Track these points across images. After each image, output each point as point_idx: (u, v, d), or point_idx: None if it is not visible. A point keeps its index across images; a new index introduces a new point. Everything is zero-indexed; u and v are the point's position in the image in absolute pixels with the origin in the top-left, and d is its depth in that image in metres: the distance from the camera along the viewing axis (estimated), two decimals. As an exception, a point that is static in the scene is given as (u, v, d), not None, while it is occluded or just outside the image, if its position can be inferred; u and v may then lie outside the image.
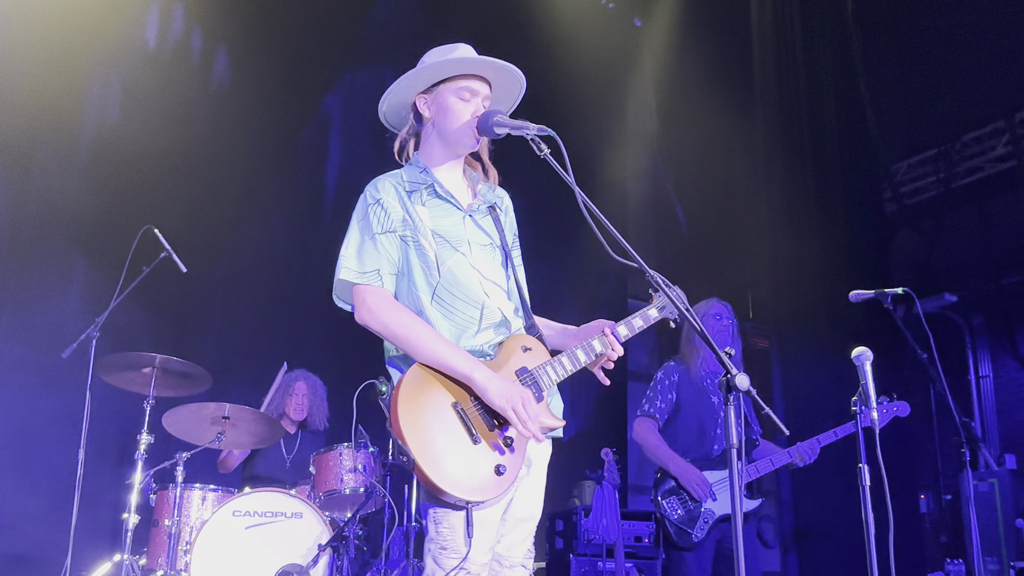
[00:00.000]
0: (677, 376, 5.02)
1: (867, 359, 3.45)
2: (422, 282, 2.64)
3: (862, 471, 3.31)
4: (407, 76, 2.77)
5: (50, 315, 5.94)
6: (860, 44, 8.93)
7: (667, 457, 4.83)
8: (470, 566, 2.47)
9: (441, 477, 2.38)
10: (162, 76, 6.78)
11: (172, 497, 4.79)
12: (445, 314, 2.62)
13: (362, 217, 2.68)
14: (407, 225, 2.66)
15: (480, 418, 2.50)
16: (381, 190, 2.70)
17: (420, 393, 2.48)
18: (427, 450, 2.40)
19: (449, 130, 2.74)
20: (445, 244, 2.67)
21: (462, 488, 2.41)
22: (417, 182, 2.73)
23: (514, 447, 2.51)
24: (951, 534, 9.11)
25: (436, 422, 2.45)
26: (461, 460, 2.43)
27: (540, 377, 2.63)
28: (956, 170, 9.91)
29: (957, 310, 10.05)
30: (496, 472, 2.45)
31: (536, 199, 8.17)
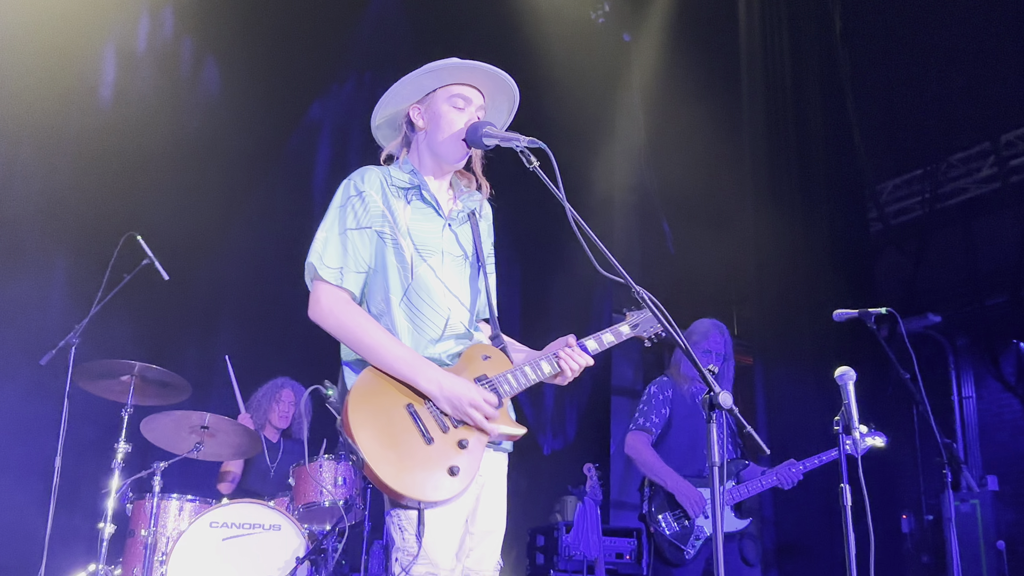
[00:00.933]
0: (671, 391, 5.03)
1: (850, 379, 3.45)
2: (395, 282, 2.61)
3: (844, 491, 3.31)
4: (400, 85, 2.75)
5: (29, 321, 5.88)
6: (848, 64, 8.97)
7: (664, 473, 4.81)
8: (437, 571, 2.44)
9: (391, 477, 2.36)
10: (149, 81, 6.75)
11: (149, 507, 4.73)
12: (411, 317, 2.60)
13: (340, 206, 2.66)
14: (386, 221, 2.64)
15: (434, 419, 2.47)
16: (366, 181, 2.67)
17: (374, 394, 2.47)
18: (377, 449, 2.37)
19: (438, 141, 2.72)
20: (423, 246, 2.65)
21: (413, 488, 2.38)
22: (404, 182, 2.71)
23: (469, 448, 2.48)
24: (933, 555, 9.11)
25: (388, 423, 2.43)
26: (413, 460, 2.40)
27: (499, 385, 2.60)
28: (941, 191, 9.97)
29: (941, 330, 10.09)
30: (450, 472, 2.42)
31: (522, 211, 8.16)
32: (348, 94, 7.81)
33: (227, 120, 7.03)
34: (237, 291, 6.73)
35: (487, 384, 2.59)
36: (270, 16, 7.21)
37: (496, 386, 2.60)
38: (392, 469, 2.37)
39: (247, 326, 6.80)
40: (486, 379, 2.60)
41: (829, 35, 8.98)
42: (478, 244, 2.81)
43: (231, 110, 7.07)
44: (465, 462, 2.46)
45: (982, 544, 7.97)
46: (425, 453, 2.42)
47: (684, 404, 4.96)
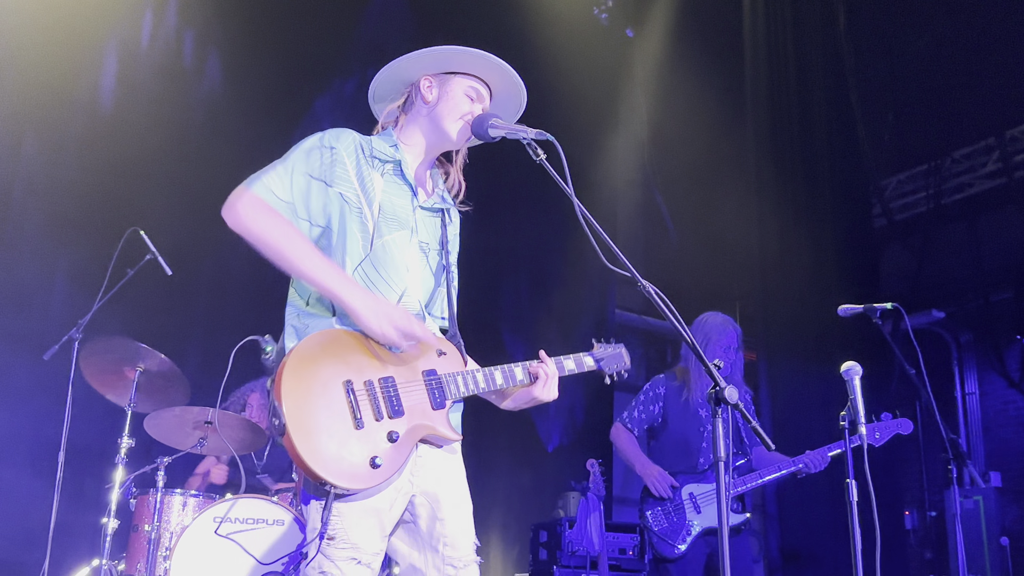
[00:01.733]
0: (663, 389, 5.04)
1: (856, 374, 3.44)
2: (354, 248, 2.52)
3: (850, 487, 3.30)
4: (419, 55, 2.71)
5: (33, 316, 5.88)
6: (851, 59, 8.95)
7: (633, 456, 4.88)
8: (361, 555, 2.34)
9: (309, 451, 2.22)
10: (152, 76, 6.74)
11: (152, 502, 4.73)
12: (369, 286, 2.51)
13: (307, 151, 2.55)
14: (352, 187, 2.55)
15: (370, 403, 2.36)
16: (340, 140, 2.59)
17: (314, 362, 2.33)
18: (302, 420, 2.24)
19: (446, 119, 2.68)
20: (390, 220, 2.57)
21: (329, 469, 2.24)
22: (385, 154, 2.64)
23: (398, 443, 2.36)
24: (936, 551, 9.11)
25: (322, 395, 2.30)
26: (336, 441, 2.27)
27: (447, 384, 2.52)
28: (946, 186, 9.94)
29: (945, 326, 10.08)
30: (371, 464, 2.29)
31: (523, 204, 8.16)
32: (352, 89, 7.79)
33: (230, 115, 7.02)
34: (240, 286, 6.72)
35: (434, 380, 2.50)
36: (273, 10, 7.20)
37: (444, 384, 2.52)
38: (312, 444, 2.23)
39: (250, 321, 6.78)
40: (434, 374, 2.51)
41: (833, 30, 8.96)
42: (444, 240, 2.75)
43: (235, 105, 7.06)
44: (390, 455, 2.33)
45: (985, 540, 7.95)
46: (352, 437, 2.29)
47: (678, 401, 4.96)
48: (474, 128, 2.66)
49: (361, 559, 2.34)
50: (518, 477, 8.11)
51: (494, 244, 8.17)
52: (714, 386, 2.27)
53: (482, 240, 8.23)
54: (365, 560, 2.35)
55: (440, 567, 2.51)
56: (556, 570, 6.18)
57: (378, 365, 2.43)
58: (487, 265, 8.11)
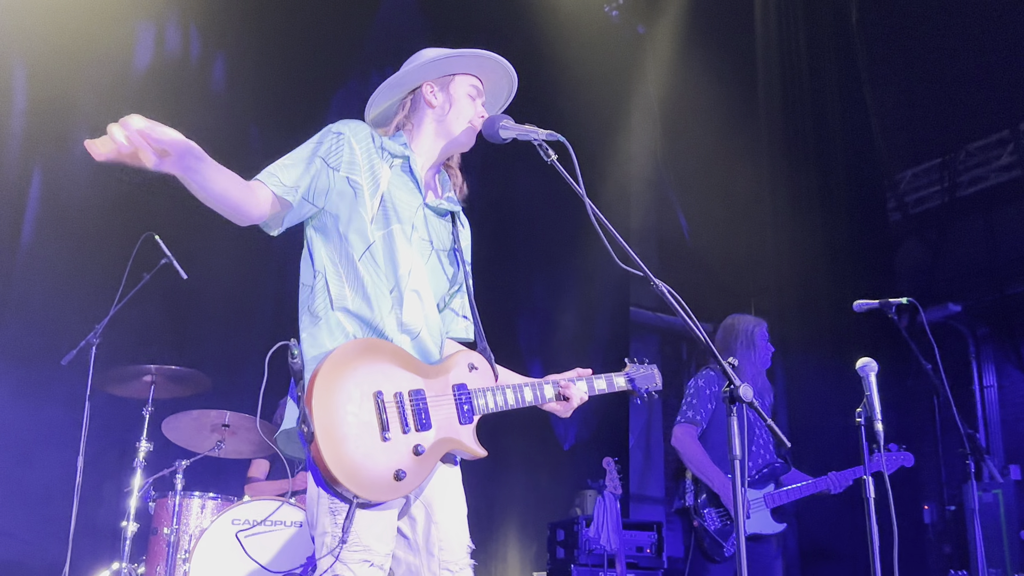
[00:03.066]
0: (717, 387, 4.95)
1: (872, 370, 3.42)
2: (358, 234, 2.53)
3: (866, 483, 3.28)
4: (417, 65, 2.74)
5: (50, 322, 5.91)
6: (865, 53, 8.90)
7: (711, 471, 4.75)
8: (374, 557, 2.35)
9: (337, 463, 2.23)
10: (162, 82, 6.77)
11: (171, 505, 4.76)
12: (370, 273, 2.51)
13: (317, 138, 2.59)
14: (362, 173, 2.56)
15: (398, 415, 2.36)
16: (349, 127, 2.62)
17: (346, 369, 2.33)
18: (332, 429, 2.25)
19: (454, 124, 2.71)
20: (391, 213, 2.57)
21: (356, 481, 2.25)
22: (395, 151, 2.66)
23: (424, 457, 2.37)
24: (955, 545, 9.05)
25: (351, 403, 2.30)
26: (363, 452, 2.27)
27: (476, 399, 2.54)
28: (960, 179, 9.88)
29: (962, 320, 10.02)
30: (395, 476, 2.30)
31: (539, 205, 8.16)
32: (361, 93, 7.80)
33: (243, 118, 7.05)
34: (256, 288, 6.75)
35: (464, 395, 2.51)
36: (285, 14, 7.23)
37: (473, 398, 2.53)
38: (339, 453, 2.24)
39: (265, 324, 6.82)
40: (465, 389, 2.52)
41: (846, 24, 8.91)
42: (457, 245, 2.76)
43: (247, 107, 7.09)
44: (414, 469, 2.34)
45: (1005, 534, 7.91)
46: (378, 448, 2.30)
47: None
48: (485, 130, 2.67)
49: (374, 561, 2.35)
50: (535, 476, 8.12)
51: (509, 244, 8.18)
52: (727, 385, 2.26)
53: (498, 240, 8.25)
54: (378, 562, 2.36)
55: (436, 571, 2.52)
56: (574, 568, 6.18)
57: (409, 377, 2.44)
58: (502, 264, 8.12)
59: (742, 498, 2.20)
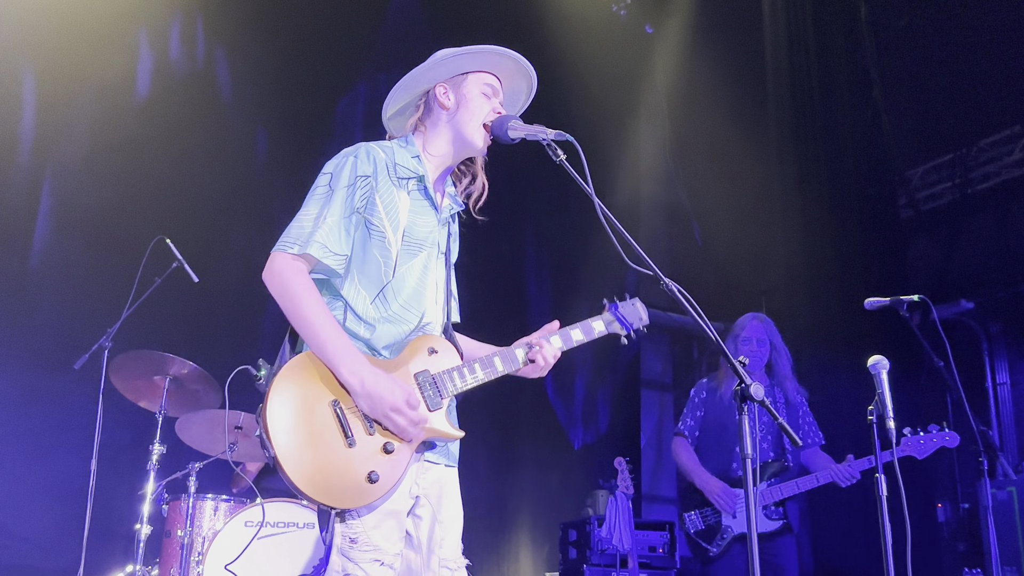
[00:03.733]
0: (705, 393, 5.12)
1: (883, 367, 3.41)
2: (374, 275, 2.50)
3: (879, 481, 3.27)
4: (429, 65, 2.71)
5: (62, 326, 5.94)
6: (874, 49, 8.86)
7: (692, 471, 4.91)
8: (384, 557, 2.36)
9: (302, 479, 2.22)
10: (173, 87, 6.80)
11: (184, 507, 4.78)
12: (382, 311, 2.49)
13: (348, 186, 2.50)
14: (376, 211, 2.51)
15: (359, 420, 2.33)
16: (370, 162, 2.55)
17: (299, 384, 2.31)
18: (292, 449, 2.23)
19: (468, 125, 2.67)
20: (412, 246, 2.55)
21: (325, 493, 2.25)
22: (408, 169, 2.61)
23: (395, 453, 2.35)
24: (969, 543, 9.01)
25: (310, 419, 2.27)
26: (329, 463, 2.26)
27: (443, 383, 2.50)
28: (972, 176, 9.84)
29: (974, 317, 9.97)
30: (368, 479, 2.29)
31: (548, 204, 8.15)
32: (372, 94, 7.82)
33: (251, 122, 7.08)
34: (266, 292, 6.77)
35: (427, 380, 2.48)
36: (291, 18, 7.24)
37: (439, 384, 2.50)
38: (305, 472, 2.22)
39: (278, 326, 6.83)
40: (428, 375, 2.49)
41: (854, 20, 8.88)
42: (450, 247, 2.75)
43: (254, 112, 7.11)
44: (387, 468, 2.32)
45: (1020, 531, 7.85)
46: (344, 456, 2.28)
47: (718, 405, 5.02)
48: (494, 130, 2.66)
49: (384, 560, 2.36)
50: (546, 476, 8.12)
51: (517, 244, 8.18)
52: (739, 383, 2.26)
53: (505, 240, 8.25)
54: (388, 561, 2.37)
55: (436, 569, 2.53)
56: (586, 569, 6.17)
57: None
58: (511, 265, 8.12)
59: (756, 492, 2.19)
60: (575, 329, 2.79)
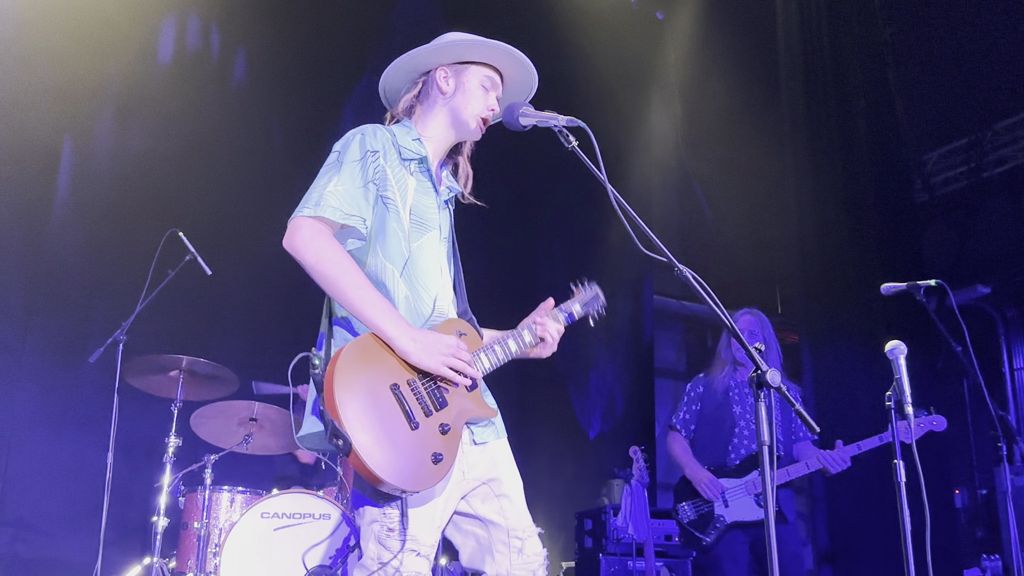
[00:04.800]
0: (702, 388, 5.15)
1: (901, 353, 3.38)
2: (396, 252, 2.51)
3: (897, 468, 3.25)
4: (434, 46, 2.71)
5: (76, 319, 5.97)
6: (888, 32, 8.80)
7: (683, 462, 4.98)
8: (420, 547, 2.38)
9: (380, 465, 2.22)
10: (183, 79, 6.80)
11: (201, 500, 4.80)
12: (410, 289, 2.51)
13: (359, 159, 2.50)
14: (389, 186, 2.53)
15: (417, 402, 2.36)
16: (378, 140, 2.55)
17: (358, 371, 2.30)
18: (365, 434, 2.23)
19: (463, 112, 2.68)
20: (419, 225, 2.57)
21: (403, 478, 2.26)
22: (411, 151, 2.62)
23: (450, 433, 2.39)
24: (987, 529, 8.97)
25: (374, 404, 2.28)
26: (400, 447, 2.27)
27: (475, 364, 2.53)
28: (987, 159, 9.76)
29: (990, 302, 9.90)
30: (434, 460, 2.32)
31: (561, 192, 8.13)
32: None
33: (265, 115, 7.08)
34: (279, 284, 6.78)
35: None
36: (304, 9, 7.24)
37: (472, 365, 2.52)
38: (384, 458, 2.24)
39: (291, 318, 6.85)
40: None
41: (868, 3, 8.82)
42: (452, 229, 2.76)
43: (268, 105, 7.11)
44: (447, 447, 2.36)
45: (1038, 517, 7.82)
46: (411, 439, 2.30)
47: (713, 398, 5.07)
48: (505, 117, 2.64)
49: (420, 551, 2.38)
50: (560, 466, 8.11)
51: (530, 233, 8.17)
52: (755, 370, 2.23)
53: (519, 229, 8.23)
54: (424, 552, 2.39)
55: (507, 540, 2.56)
56: (602, 558, 6.17)
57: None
58: (524, 254, 8.10)
59: (772, 480, 2.17)
60: (574, 303, 2.86)
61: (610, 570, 6.11)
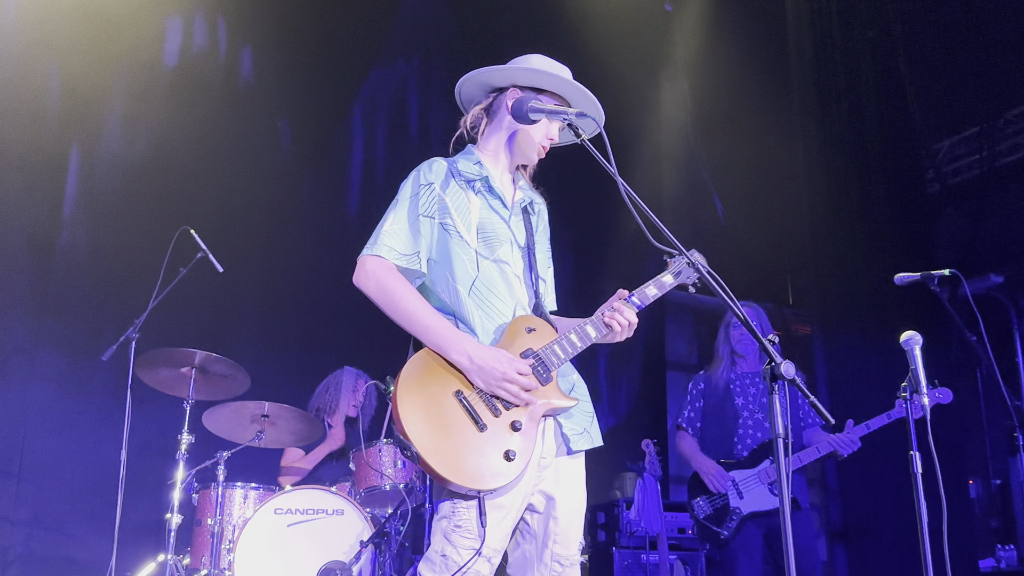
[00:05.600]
0: (703, 384, 5.21)
1: (916, 343, 3.36)
2: (463, 272, 2.61)
3: (913, 458, 3.23)
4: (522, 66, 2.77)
5: (89, 318, 5.98)
6: (898, 20, 8.74)
7: (691, 457, 5.03)
8: (485, 550, 2.44)
9: (448, 469, 2.36)
10: (191, 77, 6.81)
11: (214, 496, 4.81)
12: (481, 307, 2.60)
13: (413, 195, 2.66)
14: (448, 213, 2.64)
15: (484, 404, 2.47)
16: (433, 172, 2.69)
17: (421, 384, 2.45)
18: (431, 443, 2.37)
19: (524, 138, 2.75)
20: (491, 238, 2.66)
21: (471, 478, 2.38)
22: (472, 174, 2.72)
23: (524, 430, 2.47)
24: (1002, 519, 8.94)
25: (439, 413, 2.42)
26: (468, 449, 2.39)
27: (547, 357, 2.59)
28: (999, 148, 9.70)
29: (1004, 291, 9.84)
30: (506, 457, 2.41)
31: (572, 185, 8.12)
32: (389, 81, 7.80)
33: (273, 111, 7.08)
34: (290, 280, 6.79)
35: (534, 357, 2.57)
36: (310, 6, 7.24)
37: (544, 359, 2.58)
38: (448, 461, 2.37)
39: (302, 315, 6.86)
40: (532, 352, 2.58)
41: (878, -8, 8.76)
42: (531, 235, 2.81)
43: (277, 101, 7.12)
44: (519, 444, 2.45)
45: (1054, 507, 7.79)
46: (479, 440, 2.41)
47: (715, 393, 5.09)
48: (514, 111, 2.68)
49: (483, 551, 2.44)
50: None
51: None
52: (769, 362, 2.23)
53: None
54: (486, 553, 2.45)
55: (548, 563, 2.61)
56: (615, 551, 6.17)
57: None
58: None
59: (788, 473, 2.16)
60: (649, 286, 2.83)
61: (623, 563, 6.11)
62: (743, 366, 5.10)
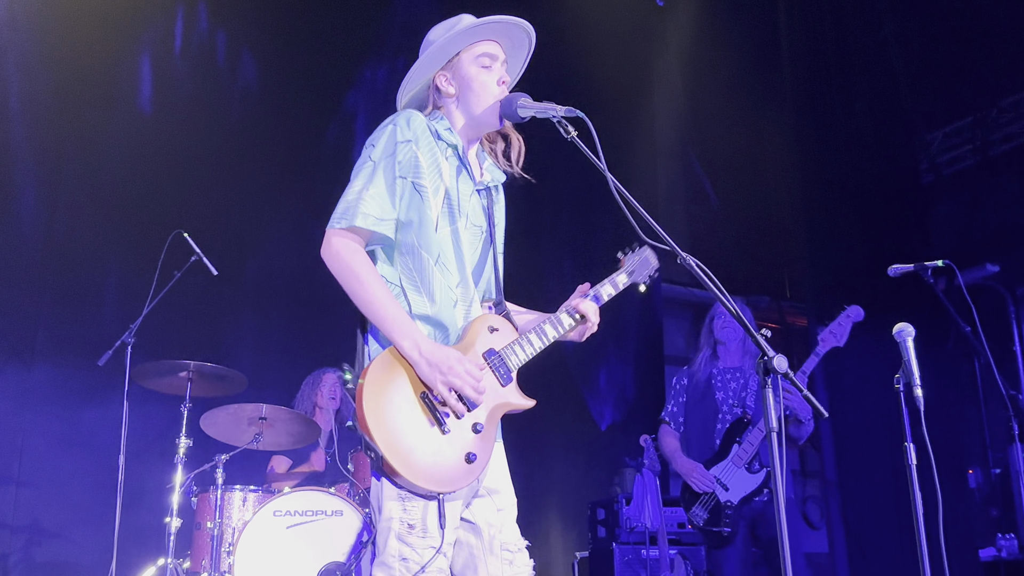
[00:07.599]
0: (686, 380, 5.18)
1: (909, 335, 3.36)
2: (430, 240, 2.52)
3: (908, 450, 3.23)
4: (423, 60, 2.69)
5: (85, 323, 5.98)
6: (890, 11, 8.74)
7: (671, 456, 5.01)
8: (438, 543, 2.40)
9: (412, 471, 2.31)
10: (188, 79, 6.82)
11: (213, 499, 4.81)
12: (443, 274, 2.52)
13: (390, 153, 2.52)
14: (425, 176, 2.53)
15: (446, 406, 2.40)
16: (413, 127, 2.55)
17: (386, 383, 2.38)
18: (395, 444, 2.32)
19: (475, 105, 2.65)
20: (453, 208, 2.58)
21: (435, 480, 2.35)
22: (448, 140, 2.63)
23: (484, 432, 2.45)
24: (1002, 509, 8.95)
25: (403, 414, 2.36)
26: (431, 452, 2.35)
27: (508, 358, 2.56)
28: (993, 137, 9.70)
29: (999, 280, 9.85)
30: (467, 460, 2.39)
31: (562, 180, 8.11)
32: (382, 81, 7.79)
33: (266, 113, 7.08)
34: (285, 282, 6.79)
35: (496, 358, 2.54)
36: (301, 6, 7.23)
37: (505, 359, 2.55)
38: (412, 465, 2.32)
39: (297, 317, 6.85)
40: (494, 352, 2.55)
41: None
42: (491, 220, 2.74)
43: (269, 103, 7.11)
44: (480, 446, 2.43)
45: (1053, 496, 7.79)
46: (442, 443, 2.38)
47: (696, 389, 5.07)
48: (503, 110, 2.63)
49: (447, 551, 2.42)
50: (572, 457, 8.11)
51: (537, 222, 8.15)
52: (762, 356, 2.23)
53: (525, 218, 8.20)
54: (444, 549, 2.42)
55: (498, 552, 2.58)
56: (615, 547, 6.17)
57: None
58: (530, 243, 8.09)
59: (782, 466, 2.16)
60: (604, 285, 2.83)
61: (624, 559, 6.11)
62: (725, 360, 5.08)
